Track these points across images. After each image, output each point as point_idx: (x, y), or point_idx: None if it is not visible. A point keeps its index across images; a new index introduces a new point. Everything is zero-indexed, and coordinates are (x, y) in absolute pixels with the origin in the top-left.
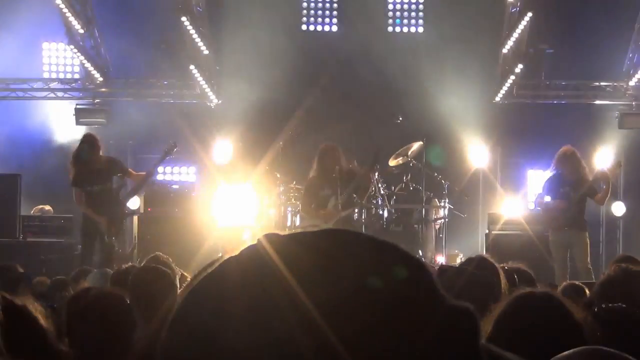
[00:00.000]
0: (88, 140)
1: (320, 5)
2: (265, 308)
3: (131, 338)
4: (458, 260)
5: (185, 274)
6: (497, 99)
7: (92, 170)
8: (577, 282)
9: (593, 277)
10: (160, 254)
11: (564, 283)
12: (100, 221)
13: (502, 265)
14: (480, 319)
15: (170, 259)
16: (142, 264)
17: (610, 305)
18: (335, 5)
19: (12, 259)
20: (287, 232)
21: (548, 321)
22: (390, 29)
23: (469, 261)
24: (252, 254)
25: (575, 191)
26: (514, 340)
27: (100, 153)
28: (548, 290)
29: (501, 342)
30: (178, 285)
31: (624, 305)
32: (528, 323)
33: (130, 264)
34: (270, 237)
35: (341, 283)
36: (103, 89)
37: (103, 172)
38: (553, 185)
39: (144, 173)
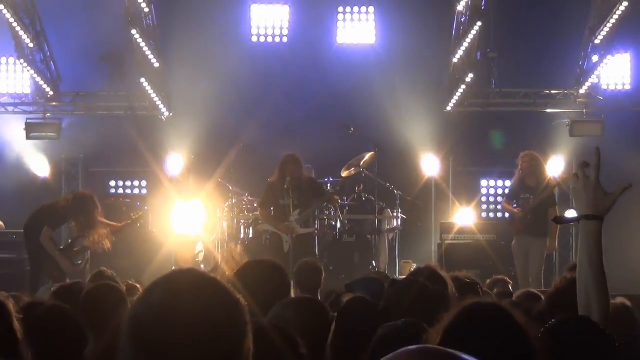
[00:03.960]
0: (89, 203)
1: (270, 17)
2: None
3: (81, 353)
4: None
5: (135, 284)
6: (449, 108)
7: (62, 216)
8: (533, 290)
9: (543, 285)
10: (105, 269)
11: (519, 291)
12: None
13: (451, 274)
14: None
15: (115, 274)
16: (87, 280)
17: (559, 320)
18: (285, 17)
19: None
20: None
21: (495, 333)
22: (340, 40)
23: (418, 272)
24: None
25: (534, 198)
26: (462, 351)
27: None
28: (495, 302)
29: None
30: (127, 300)
31: (574, 319)
32: (475, 335)
33: (79, 280)
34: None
35: None
36: (54, 103)
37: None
38: (515, 191)
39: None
